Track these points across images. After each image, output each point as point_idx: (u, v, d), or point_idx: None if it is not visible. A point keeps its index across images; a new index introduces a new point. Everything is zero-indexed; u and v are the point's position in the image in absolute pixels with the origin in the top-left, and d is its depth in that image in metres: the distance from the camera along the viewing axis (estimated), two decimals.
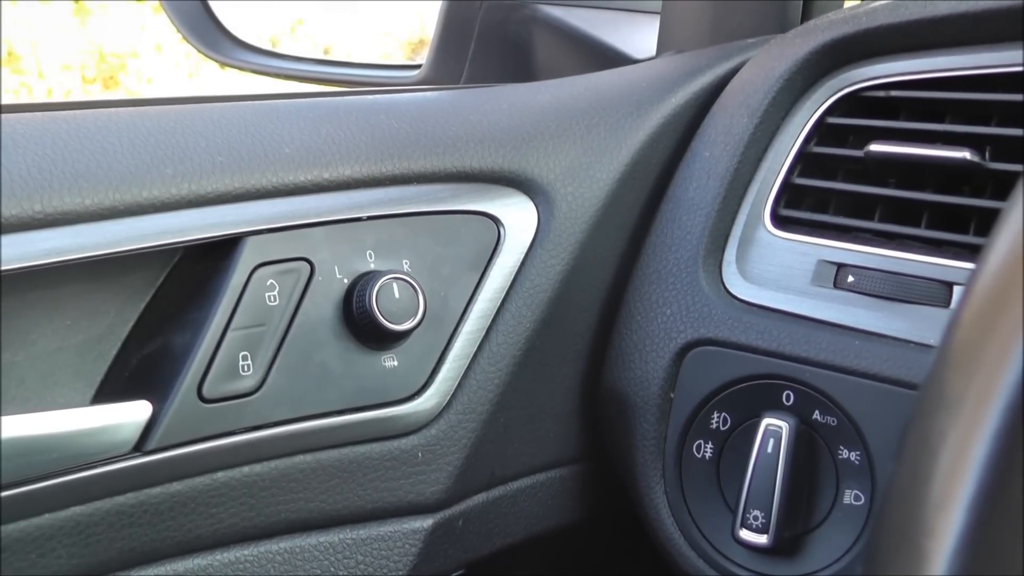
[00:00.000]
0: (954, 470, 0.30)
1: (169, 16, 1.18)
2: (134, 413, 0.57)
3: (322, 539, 0.66)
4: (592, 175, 0.73)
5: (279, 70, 1.23)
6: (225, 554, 0.62)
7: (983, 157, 0.68)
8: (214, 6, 1.22)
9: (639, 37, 1.04)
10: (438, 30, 1.10)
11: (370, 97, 0.74)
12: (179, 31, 1.18)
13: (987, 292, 0.33)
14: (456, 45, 1.08)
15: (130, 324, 0.59)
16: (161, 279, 0.60)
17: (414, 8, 1.53)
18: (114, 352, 0.59)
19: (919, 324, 0.65)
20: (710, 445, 0.70)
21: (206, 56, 1.20)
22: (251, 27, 1.28)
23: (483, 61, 1.08)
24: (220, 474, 0.60)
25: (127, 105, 0.64)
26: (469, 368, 0.68)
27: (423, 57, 1.14)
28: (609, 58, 1.04)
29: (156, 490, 0.58)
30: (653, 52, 0.99)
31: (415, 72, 1.13)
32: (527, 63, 1.09)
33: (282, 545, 0.64)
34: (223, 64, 1.21)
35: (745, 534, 0.66)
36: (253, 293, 0.60)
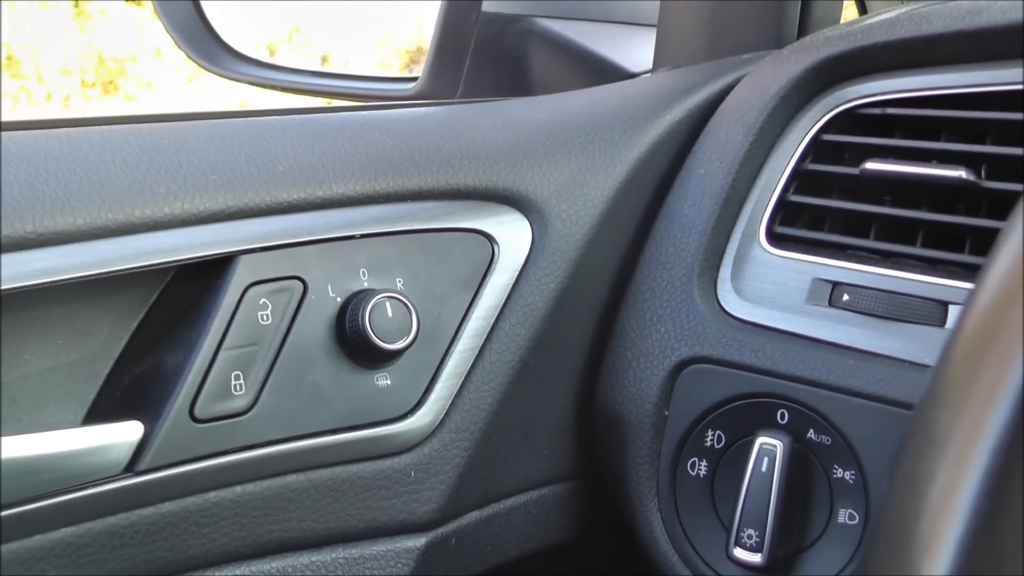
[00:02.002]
0: (940, 511, 0.30)
1: (166, 28, 1.18)
2: (125, 433, 0.56)
3: (314, 558, 0.65)
4: (587, 192, 0.72)
5: (276, 82, 1.22)
6: (217, 574, 0.62)
7: (979, 176, 0.67)
8: (211, 15, 1.22)
9: (637, 50, 1.04)
10: (434, 43, 1.10)
11: (364, 113, 0.74)
12: (177, 44, 1.18)
13: (976, 332, 0.33)
14: (452, 58, 1.08)
15: (122, 343, 0.59)
16: (153, 298, 0.60)
17: (412, 16, 1.53)
18: (106, 372, 0.59)
19: (914, 343, 0.65)
20: (704, 463, 0.70)
21: (203, 68, 1.20)
22: (248, 35, 1.28)
23: (479, 74, 1.08)
24: (212, 494, 0.60)
25: (120, 123, 0.64)
26: (463, 386, 0.68)
27: (420, 67, 1.14)
28: (606, 71, 1.04)
29: (148, 510, 0.58)
30: (650, 65, 0.99)
31: (411, 85, 1.13)
32: (524, 76, 1.09)
33: (274, 564, 0.64)
34: (220, 76, 1.21)
35: (739, 552, 0.66)
36: (246, 312, 0.60)
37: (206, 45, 1.21)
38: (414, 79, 1.13)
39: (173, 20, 1.19)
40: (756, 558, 0.66)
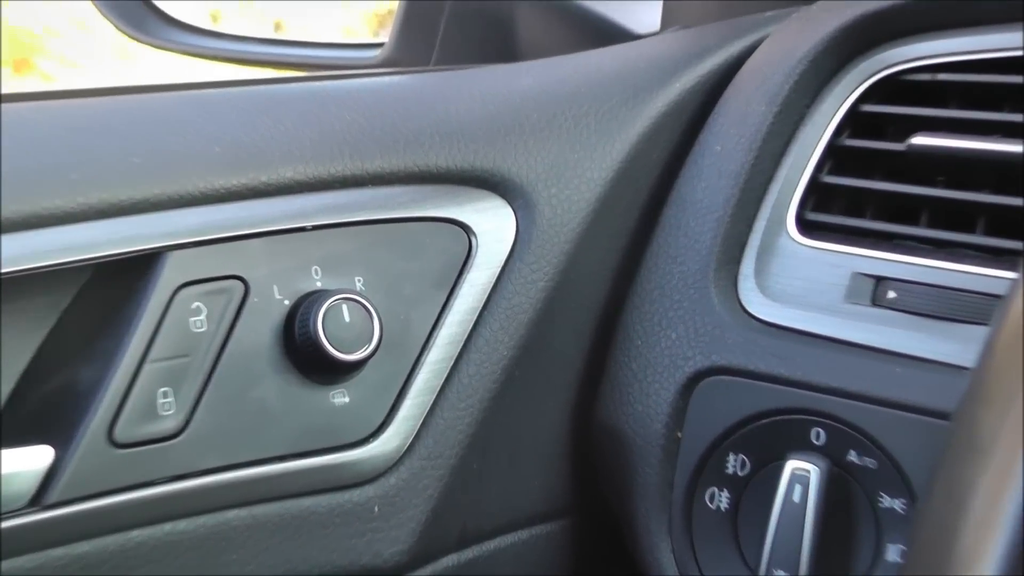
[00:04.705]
0: (983, 524, 0.30)
1: None
2: (32, 460, 0.57)
3: None
4: (581, 174, 0.73)
5: (220, 52, 1.23)
6: None
7: None
8: None
9: (642, 9, 1.04)
10: (403, 1, 1.10)
11: (317, 84, 0.74)
12: (99, 11, 1.18)
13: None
14: (425, 19, 1.09)
15: (29, 356, 0.60)
16: (66, 303, 0.60)
17: None
18: (10, 389, 0.59)
19: (972, 347, 0.65)
20: (725, 493, 0.71)
21: (132, 38, 1.20)
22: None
23: (456, 39, 1.09)
24: (136, 532, 0.60)
25: (24, 100, 0.64)
26: (435, 404, 0.69)
27: (387, 34, 1.15)
28: (606, 34, 1.05)
29: (58, 551, 0.58)
30: (658, 26, 1.00)
31: (376, 52, 1.13)
32: (508, 41, 1.09)
33: None
34: (154, 47, 1.21)
35: None
36: (175, 318, 0.60)
37: (135, 12, 1.22)
38: (379, 45, 1.13)
39: None
40: None
